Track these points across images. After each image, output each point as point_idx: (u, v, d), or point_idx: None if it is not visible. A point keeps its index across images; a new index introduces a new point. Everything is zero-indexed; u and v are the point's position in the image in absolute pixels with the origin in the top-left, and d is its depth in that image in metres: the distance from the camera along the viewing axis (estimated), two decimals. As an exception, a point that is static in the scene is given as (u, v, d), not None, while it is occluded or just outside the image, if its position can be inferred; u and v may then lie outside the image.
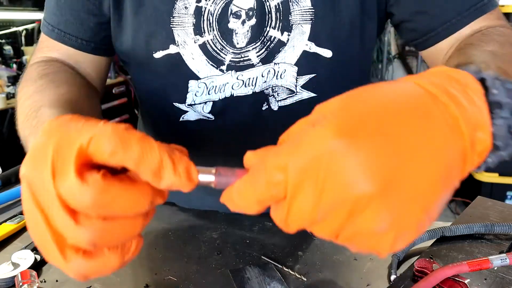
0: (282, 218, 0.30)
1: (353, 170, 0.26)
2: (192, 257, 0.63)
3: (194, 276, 0.58)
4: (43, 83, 0.56)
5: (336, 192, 0.26)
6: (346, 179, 0.26)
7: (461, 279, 0.51)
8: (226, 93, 0.65)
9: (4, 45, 2.81)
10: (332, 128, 0.27)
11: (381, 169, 0.26)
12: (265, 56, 0.64)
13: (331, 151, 0.26)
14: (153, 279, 0.58)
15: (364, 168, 0.26)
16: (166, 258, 0.63)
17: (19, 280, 0.53)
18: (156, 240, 0.68)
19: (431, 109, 0.28)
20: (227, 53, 0.63)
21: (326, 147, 0.27)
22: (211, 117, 0.68)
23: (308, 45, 0.63)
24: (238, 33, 0.62)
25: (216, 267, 0.60)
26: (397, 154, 0.26)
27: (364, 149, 0.26)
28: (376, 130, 0.27)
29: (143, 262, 0.62)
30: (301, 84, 0.65)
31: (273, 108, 0.67)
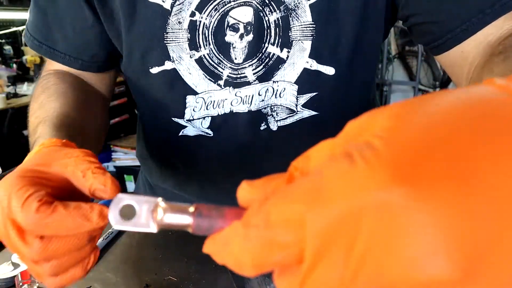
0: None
1: (422, 241, 0.16)
2: (192, 257, 0.63)
3: (194, 276, 0.58)
4: (43, 98, 0.58)
5: (388, 271, 0.17)
6: (406, 253, 0.16)
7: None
8: (226, 109, 0.63)
9: (4, 45, 2.81)
10: (384, 167, 0.17)
11: (469, 241, 0.16)
12: (262, 74, 0.60)
13: (382, 205, 0.17)
14: (153, 279, 0.58)
15: (443, 238, 0.16)
16: (166, 258, 0.63)
17: (19, 280, 0.53)
18: (156, 240, 0.68)
19: None
20: (224, 67, 0.61)
21: (373, 199, 0.17)
22: (210, 133, 0.66)
23: (309, 63, 0.60)
24: (236, 47, 0.59)
25: (216, 267, 0.60)
26: (495, 215, 0.16)
27: (443, 207, 0.16)
28: (460, 173, 0.16)
29: (143, 262, 0.62)
30: (302, 103, 0.62)
31: (272, 128, 0.64)
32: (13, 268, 0.58)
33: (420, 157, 0.17)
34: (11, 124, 2.10)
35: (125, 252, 0.64)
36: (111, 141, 2.97)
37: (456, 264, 0.16)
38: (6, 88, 2.37)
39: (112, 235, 0.68)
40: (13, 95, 2.28)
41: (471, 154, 0.16)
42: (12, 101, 2.19)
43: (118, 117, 3.02)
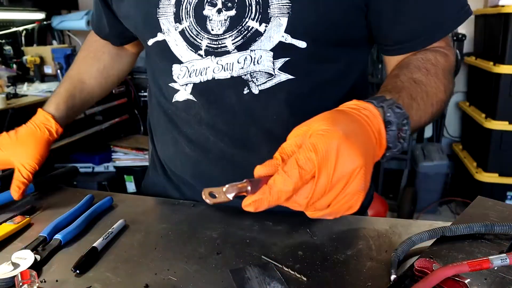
0: (308, 195, 0.43)
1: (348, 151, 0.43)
2: (192, 257, 0.63)
3: (194, 276, 0.58)
4: (79, 56, 1.01)
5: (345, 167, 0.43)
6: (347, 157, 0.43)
7: (461, 279, 0.50)
8: (208, 76, 0.71)
9: (4, 45, 2.80)
10: (324, 122, 0.45)
11: (361, 148, 0.44)
12: (241, 44, 0.68)
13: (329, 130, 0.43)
14: (153, 279, 0.58)
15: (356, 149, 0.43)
16: (166, 258, 0.63)
17: (19, 280, 0.53)
18: (156, 240, 0.68)
19: (361, 120, 0.48)
20: (202, 38, 0.69)
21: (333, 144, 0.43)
22: (194, 99, 0.74)
23: (284, 37, 0.66)
24: (213, 19, 0.68)
25: (216, 267, 0.60)
26: (362, 138, 0.46)
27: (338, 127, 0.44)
28: (346, 125, 0.45)
29: (143, 262, 0.62)
30: (278, 67, 0.69)
31: (254, 92, 0.71)
32: (13, 268, 0.58)
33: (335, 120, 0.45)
34: (11, 124, 2.09)
35: (125, 252, 0.64)
36: (111, 141, 2.97)
37: (363, 157, 0.43)
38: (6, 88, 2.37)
39: (112, 235, 0.68)
40: (13, 95, 2.27)
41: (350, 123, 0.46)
42: (12, 101, 2.19)
43: (118, 117, 3.02)
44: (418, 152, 3.03)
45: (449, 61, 0.69)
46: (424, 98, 0.62)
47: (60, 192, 0.88)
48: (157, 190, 0.92)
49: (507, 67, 2.48)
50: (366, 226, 0.72)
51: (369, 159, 0.45)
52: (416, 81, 0.63)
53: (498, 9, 2.48)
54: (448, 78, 0.67)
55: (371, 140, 0.48)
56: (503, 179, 2.64)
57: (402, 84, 0.62)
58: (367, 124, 0.48)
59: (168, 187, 0.89)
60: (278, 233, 0.70)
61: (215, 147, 0.76)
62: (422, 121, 0.62)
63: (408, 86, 0.62)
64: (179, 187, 0.87)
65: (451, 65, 0.69)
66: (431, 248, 0.61)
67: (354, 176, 0.43)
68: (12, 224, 0.71)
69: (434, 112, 0.64)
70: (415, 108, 0.59)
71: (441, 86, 0.65)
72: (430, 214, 2.96)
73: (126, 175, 2.88)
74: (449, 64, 0.69)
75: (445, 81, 0.66)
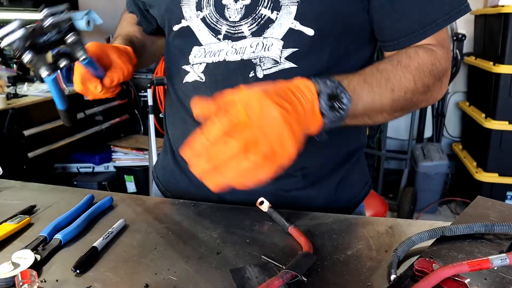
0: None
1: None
2: (192, 257, 0.63)
3: (194, 276, 0.58)
4: (124, 24, 1.02)
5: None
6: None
7: (461, 279, 0.51)
8: (220, 57, 0.77)
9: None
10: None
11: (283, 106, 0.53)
12: (255, 30, 0.74)
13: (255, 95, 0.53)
14: (153, 279, 0.58)
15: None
16: (166, 258, 0.63)
17: (19, 280, 0.53)
18: (156, 240, 0.68)
19: (291, 89, 0.56)
20: (222, 24, 0.76)
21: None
22: (203, 78, 0.79)
23: (293, 23, 0.72)
24: (230, 8, 0.75)
25: (216, 267, 0.60)
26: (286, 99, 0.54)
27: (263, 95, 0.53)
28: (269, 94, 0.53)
29: (143, 262, 0.62)
30: (285, 56, 0.74)
31: (259, 76, 0.76)
32: (13, 268, 0.58)
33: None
34: (11, 124, 2.09)
35: (125, 252, 0.65)
36: (111, 141, 2.97)
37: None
38: (7, 88, 2.37)
39: (112, 235, 0.68)
40: (13, 96, 2.27)
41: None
42: (12, 102, 2.19)
43: (118, 117, 3.02)
44: (418, 152, 3.03)
45: (434, 57, 0.71)
46: (382, 83, 0.66)
47: (60, 192, 0.88)
48: (164, 173, 0.97)
49: (507, 67, 2.48)
50: (366, 226, 0.72)
51: (292, 119, 0.52)
52: (378, 69, 0.68)
53: (498, 9, 2.48)
54: (423, 71, 0.69)
55: (298, 105, 0.55)
56: (503, 179, 2.64)
57: (361, 71, 0.67)
58: (298, 92, 0.56)
59: (176, 171, 0.92)
60: (278, 233, 0.70)
61: None
62: (376, 104, 0.66)
63: (366, 72, 0.67)
64: (184, 170, 0.89)
65: (434, 60, 0.71)
66: (431, 248, 0.61)
67: (276, 125, 0.51)
68: (12, 224, 0.71)
69: (396, 98, 0.67)
70: (366, 89, 0.64)
71: (409, 76, 0.68)
72: (430, 214, 2.96)
73: (126, 175, 2.88)
74: (432, 59, 0.70)
75: (417, 72, 0.68)
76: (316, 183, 0.83)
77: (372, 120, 0.70)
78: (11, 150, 2.13)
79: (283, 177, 0.79)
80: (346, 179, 0.87)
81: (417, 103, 0.72)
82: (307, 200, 0.83)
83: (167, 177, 0.96)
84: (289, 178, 0.81)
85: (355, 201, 0.90)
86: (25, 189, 0.90)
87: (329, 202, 0.85)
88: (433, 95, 0.73)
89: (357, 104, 0.63)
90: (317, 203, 0.83)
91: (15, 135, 2.13)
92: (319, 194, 0.84)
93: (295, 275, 0.54)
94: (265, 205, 0.74)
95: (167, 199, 0.85)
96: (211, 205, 0.80)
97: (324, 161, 0.83)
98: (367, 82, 0.65)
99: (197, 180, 0.87)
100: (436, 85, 0.72)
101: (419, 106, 0.74)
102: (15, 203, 0.82)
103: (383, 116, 0.70)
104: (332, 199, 0.85)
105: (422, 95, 0.70)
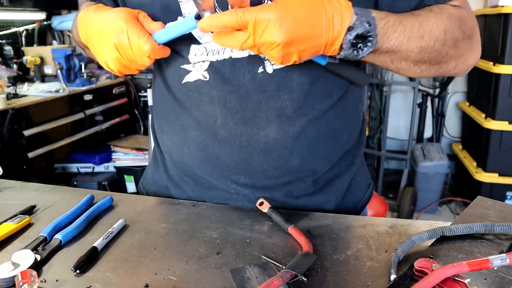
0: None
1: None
2: (192, 257, 0.63)
3: (194, 276, 0.58)
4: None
5: None
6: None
7: (461, 279, 0.51)
8: (225, 55, 0.74)
9: (4, 45, 2.81)
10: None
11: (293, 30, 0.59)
12: None
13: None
14: (153, 279, 0.58)
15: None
16: (166, 258, 0.63)
17: (19, 280, 0.53)
18: (156, 240, 0.68)
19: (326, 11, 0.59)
20: None
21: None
22: (207, 76, 0.76)
23: None
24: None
25: (216, 267, 0.60)
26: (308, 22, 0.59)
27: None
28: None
29: (143, 262, 0.62)
30: None
31: (268, 71, 0.73)
32: (13, 268, 0.58)
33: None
34: (11, 124, 2.09)
35: (125, 252, 0.65)
36: (111, 142, 2.97)
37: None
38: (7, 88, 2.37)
39: (112, 235, 0.68)
40: (13, 96, 2.27)
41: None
42: (12, 102, 2.19)
43: (118, 118, 3.02)
44: (418, 152, 3.03)
45: (461, 13, 0.71)
46: (415, 28, 0.65)
47: (60, 192, 0.88)
48: (157, 189, 0.92)
49: (506, 67, 2.48)
50: (366, 226, 0.72)
51: (299, 41, 0.59)
52: (414, 13, 0.68)
53: (498, 9, 2.48)
54: (453, 22, 0.68)
55: (321, 30, 0.59)
56: (503, 179, 2.64)
57: (398, 13, 0.67)
58: (329, 16, 0.59)
59: (169, 184, 0.88)
60: (278, 233, 0.70)
61: (223, 128, 0.77)
62: (403, 47, 0.66)
63: (403, 14, 0.67)
64: (179, 185, 0.86)
65: (462, 16, 0.71)
66: (431, 248, 0.61)
67: (270, 45, 0.59)
68: (12, 224, 0.71)
69: (424, 46, 0.66)
70: (398, 31, 0.64)
71: (441, 24, 0.67)
72: (430, 214, 2.96)
73: (126, 175, 2.88)
74: (460, 14, 0.71)
75: (448, 23, 0.68)
76: (325, 188, 0.82)
77: (394, 65, 0.70)
78: (11, 150, 2.13)
79: (293, 182, 0.79)
80: (353, 181, 0.86)
81: (447, 59, 0.70)
82: (317, 206, 0.81)
83: (160, 193, 0.90)
84: (299, 184, 0.79)
85: (361, 204, 0.89)
86: (25, 189, 0.90)
87: (337, 207, 0.84)
88: (463, 55, 0.72)
89: (383, 44, 0.64)
90: (327, 208, 0.82)
91: (15, 135, 2.13)
92: (329, 199, 0.83)
93: (295, 275, 0.54)
94: (265, 206, 0.75)
95: (167, 199, 0.85)
96: (211, 205, 0.80)
97: (331, 162, 0.81)
98: (402, 23, 0.65)
99: (194, 195, 0.87)
100: (466, 43, 0.71)
101: (450, 64, 0.72)
102: (15, 203, 0.82)
103: (408, 63, 0.69)
104: (341, 203, 0.85)
105: (451, 49, 0.69)
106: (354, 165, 0.86)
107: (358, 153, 0.87)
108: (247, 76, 0.74)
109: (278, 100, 0.74)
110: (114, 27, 0.67)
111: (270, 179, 0.78)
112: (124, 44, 0.67)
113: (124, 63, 0.70)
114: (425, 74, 0.72)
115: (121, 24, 0.66)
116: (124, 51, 0.68)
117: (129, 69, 0.72)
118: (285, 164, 0.77)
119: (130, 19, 0.67)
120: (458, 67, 0.73)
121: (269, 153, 0.76)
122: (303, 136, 0.76)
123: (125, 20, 0.67)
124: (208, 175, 0.81)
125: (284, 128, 0.75)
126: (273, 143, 0.75)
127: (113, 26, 0.67)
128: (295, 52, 0.61)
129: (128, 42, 0.67)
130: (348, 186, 0.85)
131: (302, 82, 0.74)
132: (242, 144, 0.76)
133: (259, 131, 0.75)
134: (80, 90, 2.59)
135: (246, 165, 0.77)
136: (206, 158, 0.80)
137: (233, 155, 0.77)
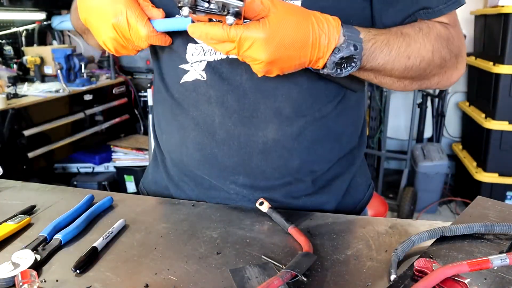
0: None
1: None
2: (192, 257, 0.63)
3: (194, 276, 0.58)
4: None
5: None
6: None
7: (461, 279, 0.51)
8: (222, 55, 0.74)
9: (4, 45, 2.81)
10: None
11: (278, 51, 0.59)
12: None
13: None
14: (153, 279, 0.58)
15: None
16: (166, 258, 0.63)
17: (19, 280, 0.53)
18: (156, 240, 0.68)
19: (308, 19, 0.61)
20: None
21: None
22: (204, 76, 0.76)
23: None
24: None
25: (216, 267, 0.60)
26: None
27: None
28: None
29: (143, 262, 0.62)
30: None
31: None
32: (13, 268, 0.58)
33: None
34: (11, 124, 2.09)
35: (125, 252, 0.65)
36: (111, 141, 2.97)
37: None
38: (7, 88, 2.37)
39: (112, 235, 0.68)
40: (13, 96, 2.27)
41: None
42: (13, 102, 2.19)
43: (118, 118, 3.02)
44: (418, 152, 3.03)
45: (449, 32, 0.72)
46: (402, 48, 0.67)
47: (60, 192, 0.88)
48: (157, 189, 0.92)
49: (506, 67, 2.48)
50: (366, 226, 0.72)
51: (283, 61, 0.61)
52: (403, 33, 0.68)
53: (498, 9, 2.48)
54: (440, 42, 0.70)
55: (306, 52, 0.61)
56: (503, 179, 2.64)
57: (387, 31, 0.68)
58: (316, 36, 0.60)
59: (169, 184, 0.88)
60: (278, 233, 0.70)
61: (221, 128, 0.77)
62: (388, 66, 0.67)
63: (391, 33, 0.68)
64: (179, 185, 0.87)
65: (449, 35, 0.71)
66: (431, 248, 0.61)
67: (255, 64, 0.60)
68: (12, 224, 0.71)
69: (409, 65, 0.68)
70: (385, 52, 0.66)
71: (429, 45, 0.68)
72: (430, 214, 2.96)
73: (126, 175, 2.88)
74: (448, 33, 0.71)
75: (435, 43, 0.69)
76: (325, 188, 0.82)
77: (378, 80, 0.71)
78: (11, 150, 2.13)
79: (292, 183, 0.79)
80: (353, 182, 0.86)
81: (430, 76, 0.72)
82: (316, 206, 0.81)
83: (160, 193, 0.91)
84: (298, 184, 0.80)
85: (361, 204, 0.89)
86: (25, 189, 0.90)
87: (337, 208, 0.84)
88: (447, 72, 0.73)
89: (368, 63, 0.65)
90: (327, 209, 0.82)
91: (15, 135, 2.13)
92: (329, 199, 0.83)
93: (295, 275, 0.54)
94: (264, 206, 0.75)
95: (167, 199, 0.85)
96: (211, 205, 0.80)
97: (331, 163, 0.81)
98: (389, 44, 0.66)
99: (194, 195, 0.87)
100: (452, 62, 0.72)
101: (432, 80, 0.73)
102: (15, 203, 0.82)
103: (391, 79, 0.71)
104: (341, 204, 0.84)
105: (437, 68, 0.70)
106: (354, 166, 0.85)
107: (359, 154, 0.87)
108: (244, 76, 0.74)
109: (276, 100, 0.74)
110: (113, 8, 0.66)
111: (269, 180, 0.78)
112: (122, 25, 0.67)
113: (122, 43, 0.70)
114: (408, 88, 0.74)
115: (120, 6, 0.66)
116: (122, 31, 0.68)
117: (126, 48, 0.72)
118: (284, 164, 0.77)
119: (130, 0, 0.67)
120: (440, 83, 0.75)
121: (268, 154, 0.76)
122: (302, 136, 0.76)
123: (124, 2, 0.66)
124: (207, 175, 0.81)
125: (283, 128, 0.75)
126: (272, 143, 0.75)
127: (112, 7, 0.66)
128: (278, 68, 0.63)
129: (126, 24, 0.67)
130: (348, 186, 0.85)
131: (299, 82, 0.74)
132: (240, 144, 0.76)
133: (258, 131, 0.75)
134: (80, 90, 2.59)
135: (244, 166, 0.77)
136: (204, 158, 0.80)
137: (231, 155, 0.77)
